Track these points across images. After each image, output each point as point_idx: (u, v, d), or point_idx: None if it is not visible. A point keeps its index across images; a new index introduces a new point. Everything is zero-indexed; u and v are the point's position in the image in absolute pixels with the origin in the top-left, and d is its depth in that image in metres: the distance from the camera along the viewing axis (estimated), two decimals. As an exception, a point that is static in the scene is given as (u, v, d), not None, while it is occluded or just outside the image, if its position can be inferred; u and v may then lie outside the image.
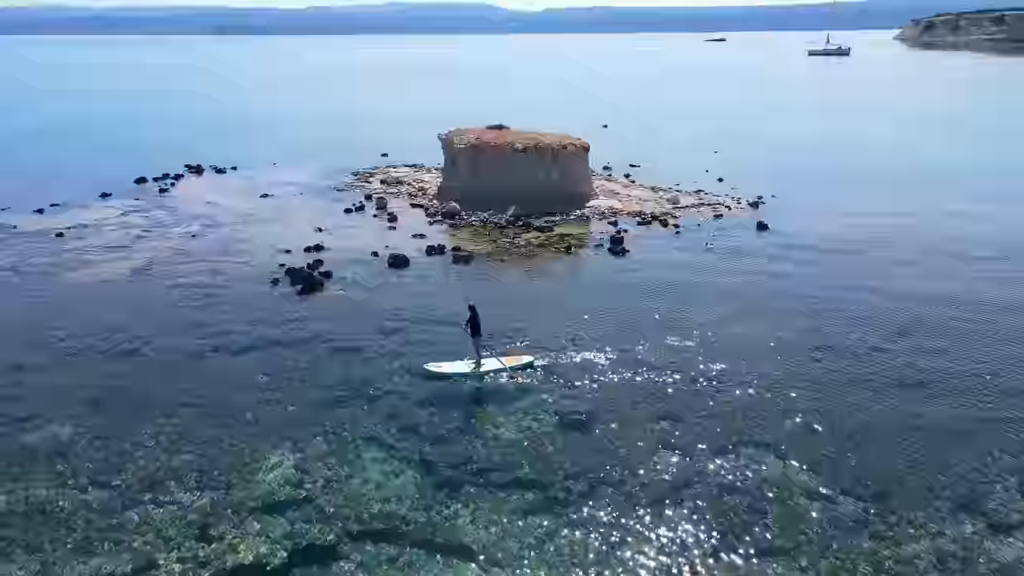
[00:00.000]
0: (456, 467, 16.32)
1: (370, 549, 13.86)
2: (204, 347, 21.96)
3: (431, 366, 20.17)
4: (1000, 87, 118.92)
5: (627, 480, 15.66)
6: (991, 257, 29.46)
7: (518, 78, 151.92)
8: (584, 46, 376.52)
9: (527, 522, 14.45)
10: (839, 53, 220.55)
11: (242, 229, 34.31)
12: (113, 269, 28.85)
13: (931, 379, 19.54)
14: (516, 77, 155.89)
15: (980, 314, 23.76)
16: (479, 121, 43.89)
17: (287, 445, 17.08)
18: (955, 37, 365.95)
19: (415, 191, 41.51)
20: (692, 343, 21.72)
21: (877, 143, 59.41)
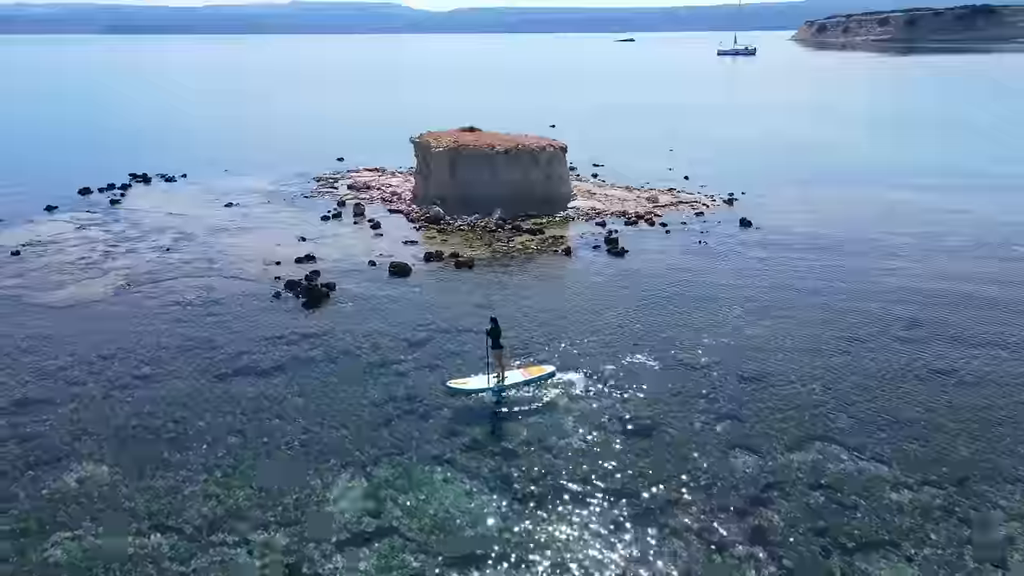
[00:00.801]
0: (533, 481, 15.89)
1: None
2: (224, 370, 20.60)
3: (454, 383, 19.46)
4: (900, 84, 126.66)
5: (710, 484, 15.63)
6: (969, 246, 31.27)
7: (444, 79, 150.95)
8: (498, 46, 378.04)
9: (624, 534, 14.19)
10: (746, 53, 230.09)
11: (219, 241, 32.47)
12: (91, 288, 26.71)
13: (959, 366, 20.43)
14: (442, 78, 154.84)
15: (987, 305, 25.12)
16: (421, 121, 43.36)
17: (350, 471, 16.20)
18: (845, 38, 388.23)
19: (388, 196, 40.43)
20: (725, 341, 21.98)
21: (814, 140, 62.09)
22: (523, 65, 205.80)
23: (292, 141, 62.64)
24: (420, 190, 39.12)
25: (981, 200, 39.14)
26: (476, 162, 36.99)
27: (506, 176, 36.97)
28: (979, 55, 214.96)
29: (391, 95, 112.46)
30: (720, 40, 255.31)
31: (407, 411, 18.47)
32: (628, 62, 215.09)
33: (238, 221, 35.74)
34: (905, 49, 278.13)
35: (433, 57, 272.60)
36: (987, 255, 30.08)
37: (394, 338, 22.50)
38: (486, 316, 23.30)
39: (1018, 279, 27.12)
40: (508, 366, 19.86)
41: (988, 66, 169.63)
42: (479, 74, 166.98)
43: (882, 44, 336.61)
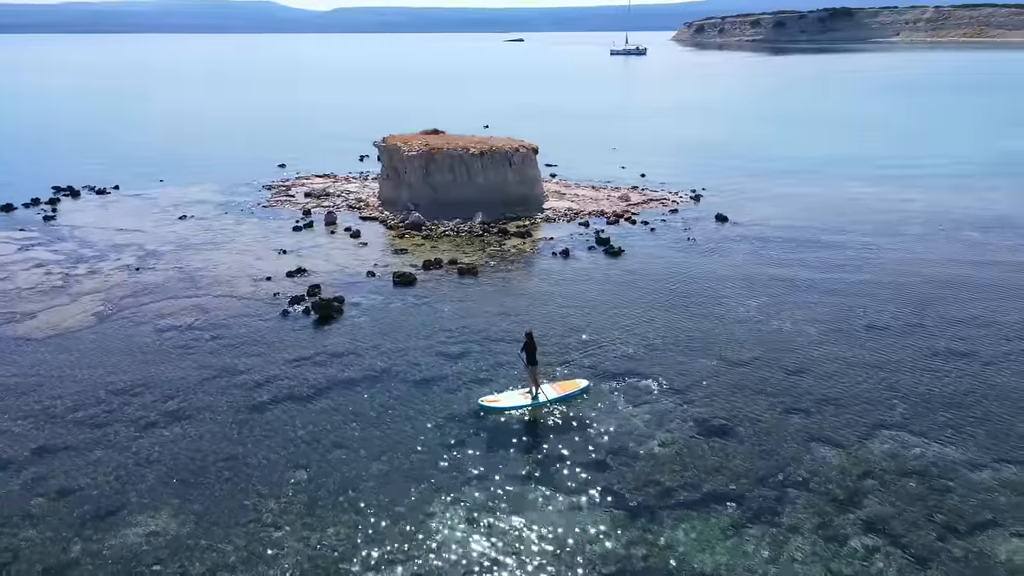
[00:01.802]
0: (635, 491, 15.59)
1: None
2: (259, 398, 19.07)
3: (486, 401, 18.63)
4: (791, 81, 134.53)
5: (807, 478, 15.75)
6: (929, 232, 33.50)
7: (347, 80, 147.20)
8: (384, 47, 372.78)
9: (747, 537, 14.09)
10: (637, 53, 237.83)
11: (190, 257, 30.10)
12: (66, 315, 24.09)
13: (979, 347, 21.71)
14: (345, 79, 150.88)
15: (978, 286, 26.89)
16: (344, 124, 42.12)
17: (440, 498, 15.27)
18: (722, 38, 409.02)
19: (353, 203, 38.85)
20: (754, 335, 22.48)
21: (742, 136, 64.89)
22: (422, 65, 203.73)
23: (217, 146, 59.22)
24: (389, 195, 37.85)
25: (915, 191, 42.09)
26: (450, 165, 36.19)
27: (481, 179, 36.39)
28: (843, 55, 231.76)
29: (291, 96, 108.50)
30: (612, 40, 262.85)
31: (470, 431, 17.64)
32: (528, 62, 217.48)
33: (202, 235, 33.28)
34: (776, 49, 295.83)
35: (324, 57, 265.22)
36: (951, 239, 32.29)
37: (425, 352, 21.58)
38: (507, 325, 22.99)
39: (990, 260, 29.24)
40: (541, 382, 19.14)
41: (858, 65, 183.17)
42: (379, 75, 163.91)
43: (755, 44, 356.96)
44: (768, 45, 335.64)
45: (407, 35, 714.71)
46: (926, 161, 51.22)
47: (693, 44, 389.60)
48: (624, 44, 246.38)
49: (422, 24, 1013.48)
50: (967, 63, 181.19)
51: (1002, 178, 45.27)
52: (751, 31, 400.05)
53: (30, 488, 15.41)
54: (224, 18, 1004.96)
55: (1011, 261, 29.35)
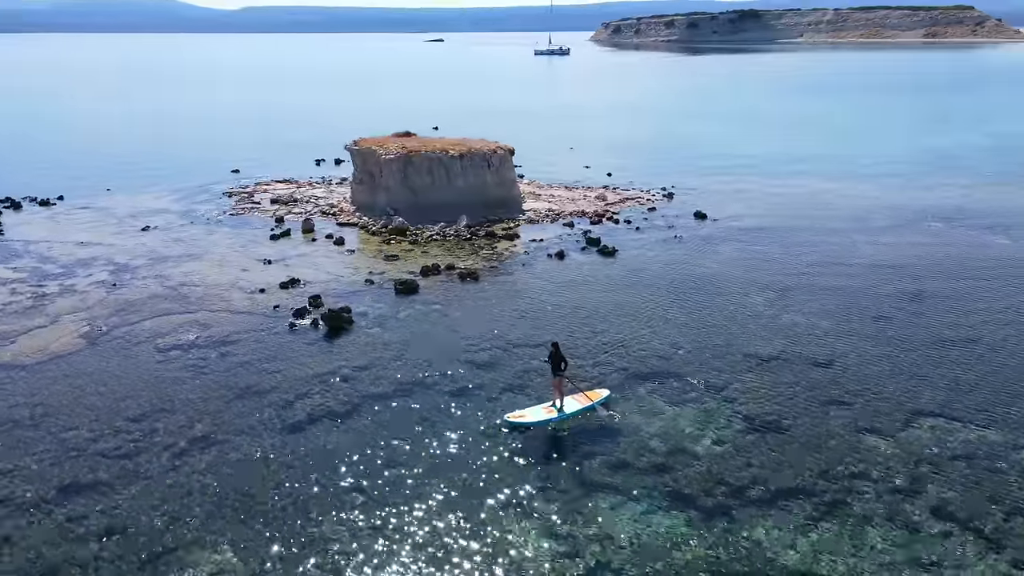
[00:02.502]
0: (703, 492, 15.58)
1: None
2: (293, 418, 18.10)
3: (512, 417, 17.87)
4: (716, 80, 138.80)
5: (867, 469, 16.03)
6: (898, 225, 35.06)
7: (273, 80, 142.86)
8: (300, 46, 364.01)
9: (825, 530, 14.26)
10: (561, 53, 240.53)
11: (169, 271, 28.37)
12: (51, 338, 22.25)
13: (981, 331, 22.76)
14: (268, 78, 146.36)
15: (965, 274, 28.19)
16: (290, 126, 41.05)
17: (514, 515, 14.79)
18: (638, 39, 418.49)
19: (326, 208, 37.56)
20: (771, 330, 22.92)
21: (687, 134, 66.42)
22: (348, 66, 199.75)
23: (158, 150, 56.27)
24: (364, 200, 36.79)
25: (867, 186, 44.07)
26: (429, 167, 35.49)
27: (461, 181, 35.85)
28: (755, 55, 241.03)
29: (217, 97, 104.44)
30: (536, 40, 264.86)
31: (523, 441, 17.26)
32: (455, 62, 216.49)
33: (174, 247, 31.44)
34: (690, 49, 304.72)
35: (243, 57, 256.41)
36: (920, 231, 33.88)
37: (450, 361, 20.99)
38: (526, 329, 22.76)
39: (962, 249, 30.80)
40: (566, 393, 18.59)
41: (770, 64, 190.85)
42: (308, 75, 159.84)
43: (669, 44, 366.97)
44: (682, 45, 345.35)
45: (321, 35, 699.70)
46: (865, 158, 53.64)
47: (611, 44, 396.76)
48: (548, 44, 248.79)
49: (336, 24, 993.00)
50: (870, 63, 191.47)
51: (941, 173, 47.89)
52: (666, 32, 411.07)
53: (70, 531, 14.10)
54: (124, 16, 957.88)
55: (981, 249, 31.04)
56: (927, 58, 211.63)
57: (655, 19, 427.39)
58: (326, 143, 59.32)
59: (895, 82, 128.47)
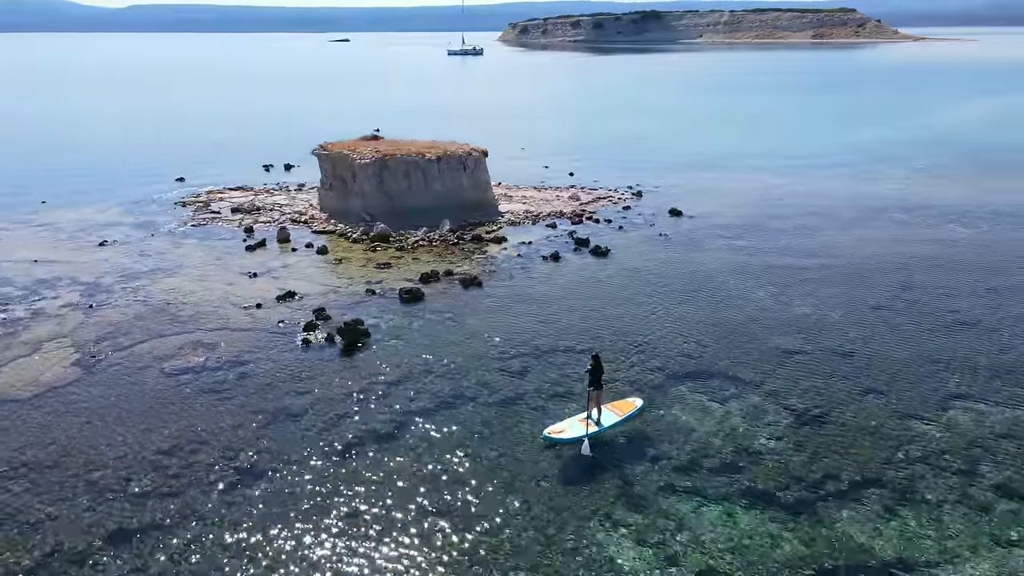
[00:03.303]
0: (781, 487, 15.68)
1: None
2: (339, 442, 17.11)
3: (552, 433, 17.10)
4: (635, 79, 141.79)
5: (924, 455, 16.58)
6: (861, 217, 36.63)
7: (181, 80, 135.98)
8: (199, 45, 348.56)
9: (906, 517, 14.64)
10: (474, 53, 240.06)
11: (147, 288, 26.33)
12: (40, 369, 20.18)
13: (979, 315, 24.00)
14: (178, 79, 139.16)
15: (943, 262, 29.62)
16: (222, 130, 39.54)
17: (604, 526, 14.50)
18: (545, 39, 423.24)
19: (296, 216, 35.89)
20: (787, 322, 23.42)
21: (628, 132, 67.46)
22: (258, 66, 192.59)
23: (83, 158, 52.35)
24: (336, 206, 35.39)
25: (817, 180, 46.00)
26: (406, 171, 34.51)
27: (438, 185, 35.05)
28: (661, 54, 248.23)
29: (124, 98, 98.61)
30: (449, 41, 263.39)
31: (583, 451, 17.03)
32: (369, 62, 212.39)
33: (143, 262, 29.21)
34: (597, 49, 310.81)
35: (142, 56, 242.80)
36: (885, 221, 35.58)
37: (484, 371, 20.41)
38: (550, 334, 22.49)
39: (929, 238, 32.46)
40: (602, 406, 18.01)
41: (677, 63, 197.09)
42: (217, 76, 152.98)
43: (576, 44, 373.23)
44: (588, 45, 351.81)
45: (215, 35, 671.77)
46: (804, 153, 55.97)
47: (518, 45, 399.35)
48: (461, 44, 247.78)
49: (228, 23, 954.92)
50: (773, 62, 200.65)
51: (878, 166, 50.49)
52: (572, 32, 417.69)
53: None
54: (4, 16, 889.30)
55: (948, 238, 32.82)
56: (823, 57, 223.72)
57: (562, 19, 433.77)
58: (267, 147, 57.11)
59: (802, 81, 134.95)
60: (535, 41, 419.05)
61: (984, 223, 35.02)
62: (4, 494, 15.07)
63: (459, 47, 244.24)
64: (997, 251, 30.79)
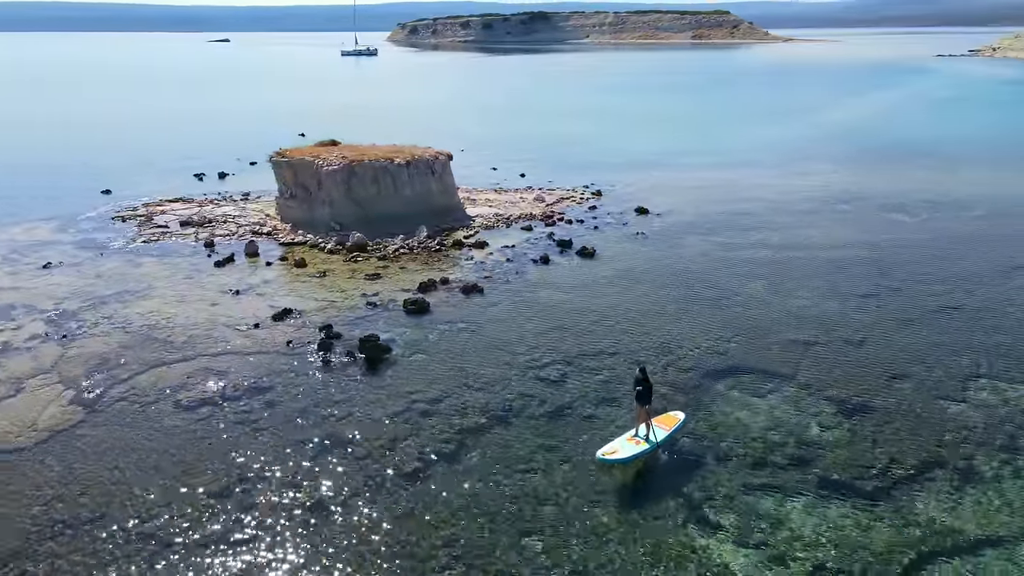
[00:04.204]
0: (855, 478, 15.95)
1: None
2: (405, 467, 16.19)
3: (606, 453, 16.44)
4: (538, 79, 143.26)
5: (971, 433, 17.45)
6: (819, 208, 38.42)
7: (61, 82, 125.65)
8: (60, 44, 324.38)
9: (978, 496, 15.31)
10: (368, 54, 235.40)
11: (121, 312, 23.95)
12: (32, 411, 17.88)
13: (955, 297, 25.59)
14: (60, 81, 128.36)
15: (916, 247, 31.36)
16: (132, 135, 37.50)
17: (704, 531, 14.49)
18: (435, 39, 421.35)
19: (255, 227, 33.76)
20: (790, 315, 24.18)
21: (558, 132, 68.01)
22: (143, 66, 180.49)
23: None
24: (299, 216, 33.59)
25: (756, 175, 47.96)
26: (375, 177, 33.24)
27: (408, 190, 33.98)
28: (554, 55, 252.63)
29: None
30: (342, 41, 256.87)
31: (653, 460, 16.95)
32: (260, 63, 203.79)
33: (102, 285, 26.56)
34: (488, 49, 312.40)
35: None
36: (840, 213, 37.45)
37: (522, 381, 19.85)
38: (574, 340, 22.23)
39: (884, 227, 34.41)
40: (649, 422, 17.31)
41: (573, 63, 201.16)
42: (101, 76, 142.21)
43: (467, 44, 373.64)
44: (479, 45, 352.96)
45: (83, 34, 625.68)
46: (733, 149, 58.29)
47: (408, 45, 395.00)
48: (355, 44, 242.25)
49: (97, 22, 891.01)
50: (665, 62, 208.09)
51: (804, 161, 53.22)
52: (462, 32, 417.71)
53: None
54: None
55: (896, 227, 34.93)
56: (707, 57, 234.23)
57: (451, 20, 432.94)
58: (190, 154, 53.72)
59: (696, 81, 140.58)
60: (425, 41, 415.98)
61: (923, 212, 37.63)
62: (44, 562, 13.28)
63: (353, 47, 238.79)
64: (946, 238, 33.06)
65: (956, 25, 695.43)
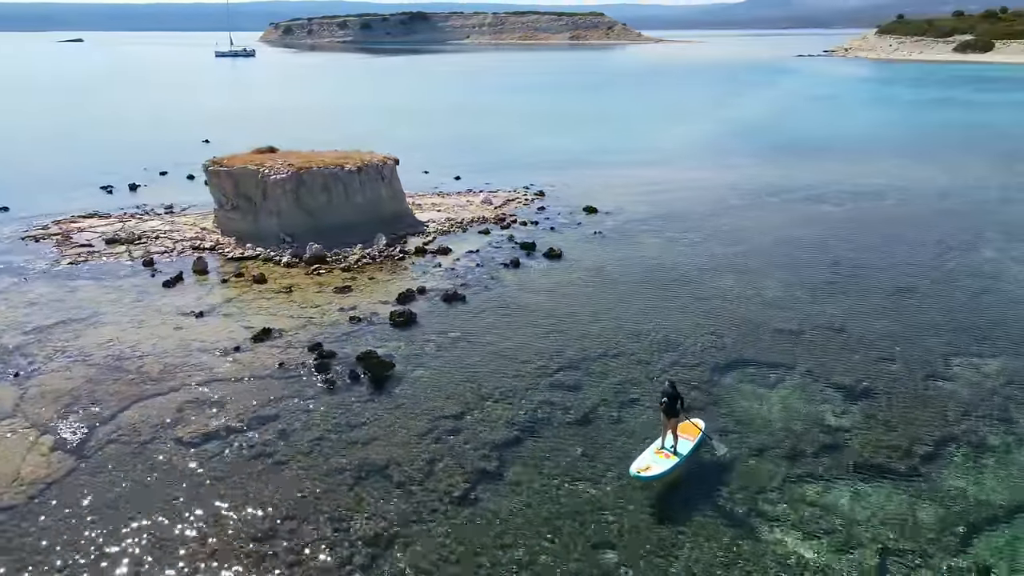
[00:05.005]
0: (890, 459, 16.53)
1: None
2: (454, 491, 15.42)
3: (640, 470, 15.81)
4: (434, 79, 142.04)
5: (979, 403, 18.68)
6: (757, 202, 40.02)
7: None
8: None
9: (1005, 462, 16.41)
10: (245, 55, 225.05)
11: (77, 344, 21.39)
12: (12, 464, 15.62)
13: (907, 278, 27.34)
14: None
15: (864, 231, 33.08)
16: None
17: (774, 533, 14.74)
18: (312, 39, 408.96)
19: (192, 242, 31.25)
20: (769, 308, 25.03)
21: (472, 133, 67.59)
22: None
23: None
24: (243, 228, 31.42)
25: (684, 171, 49.57)
26: (325, 185, 31.63)
27: (359, 197, 32.59)
28: (439, 55, 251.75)
29: None
30: (216, 41, 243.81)
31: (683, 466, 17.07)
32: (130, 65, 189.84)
33: (42, 314, 23.62)
34: (368, 49, 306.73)
35: None
36: (768, 206, 39.20)
37: (540, 390, 19.40)
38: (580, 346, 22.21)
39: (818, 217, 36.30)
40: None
41: (461, 64, 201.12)
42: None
43: (345, 45, 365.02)
44: (358, 46, 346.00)
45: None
46: (651, 147, 59.96)
47: (282, 45, 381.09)
48: (230, 45, 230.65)
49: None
50: (544, 62, 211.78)
51: (721, 156, 55.60)
52: (340, 32, 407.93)
53: None
54: None
55: (827, 216, 37.02)
56: (589, 57, 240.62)
57: (327, 19, 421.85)
58: (86, 164, 49.32)
59: (588, 80, 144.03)
60: (301, 42, 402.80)
61: (846, 201, 40.15)
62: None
63: (228, 48, 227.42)
64: (875, 224, 35.39)
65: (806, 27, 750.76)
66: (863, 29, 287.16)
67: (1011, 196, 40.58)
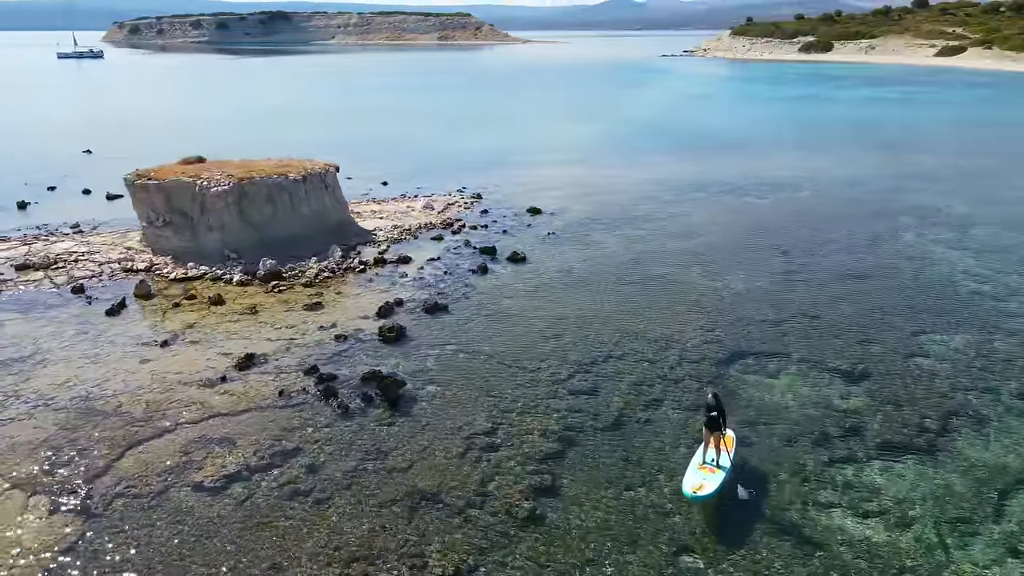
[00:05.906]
0: (918, 436, 17.44)
1: None
2: (518, 512, 14.80)
3: (695, 490, 15.14)
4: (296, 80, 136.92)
5: (978, 382, 19.87)
6: (698, 197, 41.19)
7: None
8: None
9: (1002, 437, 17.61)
10: (92, 56, 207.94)
11: (35, 387, 18.63)
12: (19, 532, 13.34)
13: (859, 264, 29.15)
14: None
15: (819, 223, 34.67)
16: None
17: (847, 519, 15.21)
18: (162, 40, 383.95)
19: (121, 263, 28.21)
20: (741, 297, 25.88)
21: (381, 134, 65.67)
22: None
23: None
24: (178, 246, 28.76)
25: (606, 168, 50.43)
26: (270, 196, 29.55)
27: (305, 207, 30.72)
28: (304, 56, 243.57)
29: None
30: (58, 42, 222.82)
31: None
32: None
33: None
34: (226, 50, 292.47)
35: None
36: (701, 201, 40.51)
37: (561, 400, 19.07)
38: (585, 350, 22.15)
39: (752, 210, 37.95)
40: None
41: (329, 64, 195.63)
42: None
43: (200, 45, 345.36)
44: (215, 47, 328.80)
45: None
46: (560, 147, 60.37)
47: (129, 46, 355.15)
48: (74, 46, 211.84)
49: None
50: (418, 63, 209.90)
51: (635, 154, 56.98)
52: (194, 32, 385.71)
53: None
54: None
55: (761, 207, 38.80)
56: (461, 57, 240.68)
57: (179, 19, 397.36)
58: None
59: (470, 80, 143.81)
60: (151, 42, 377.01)
61: (767, 194, 42.28)
62: None
63: (72, 49, 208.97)
64: (801, 215, 37.43)
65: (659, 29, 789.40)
66: (713, 31, 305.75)
67: (908, 185, 44.26)
